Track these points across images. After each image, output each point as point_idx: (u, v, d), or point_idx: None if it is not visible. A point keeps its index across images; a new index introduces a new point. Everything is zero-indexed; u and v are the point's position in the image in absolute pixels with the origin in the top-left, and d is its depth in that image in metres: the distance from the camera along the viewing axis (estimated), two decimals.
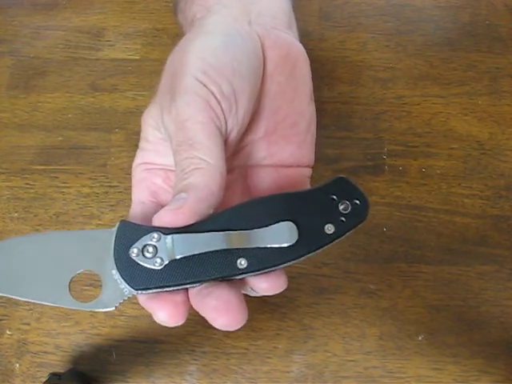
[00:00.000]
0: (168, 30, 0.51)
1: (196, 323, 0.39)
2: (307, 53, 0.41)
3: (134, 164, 0.27)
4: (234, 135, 0.25)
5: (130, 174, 0.44)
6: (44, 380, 0.37)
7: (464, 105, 0.46)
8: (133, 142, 0.46)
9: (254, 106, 0.26)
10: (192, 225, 0.22)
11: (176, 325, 0.22)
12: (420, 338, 0.39)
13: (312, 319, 0.39)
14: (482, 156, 0.44)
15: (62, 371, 0.38)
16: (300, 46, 0.27)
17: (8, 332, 0.39)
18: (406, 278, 0.40)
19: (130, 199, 0.43)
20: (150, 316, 0.41)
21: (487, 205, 0.42)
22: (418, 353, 0.38)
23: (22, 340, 0.39)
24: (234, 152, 0.27)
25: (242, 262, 0.22)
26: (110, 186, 0.44)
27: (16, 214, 0.43)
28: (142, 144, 0.27)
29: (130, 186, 0.44)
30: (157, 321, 0.22)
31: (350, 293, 0.40)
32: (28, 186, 0.44)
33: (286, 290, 0.41)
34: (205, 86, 0.23)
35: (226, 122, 0.24)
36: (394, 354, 0.38)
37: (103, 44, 0.50)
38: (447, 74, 0.48)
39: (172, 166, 0.25)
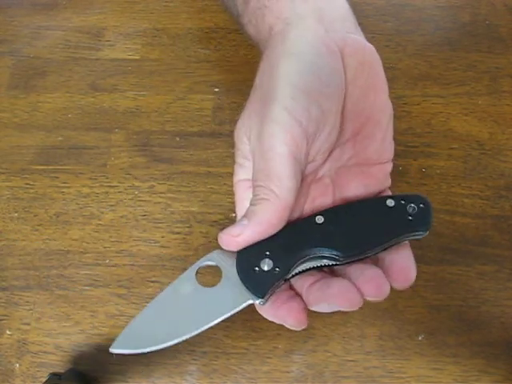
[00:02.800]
0: (168, 30, 0.51)
1: None
2: None
3: (236, 179, 0.29)
4: (322, 154, 0.27)
5: (129, 173, 0.44)
6: (44, 380, 0.37)
7: (464, 105, 0.46)
8: (133, 142, 0.46)
9: (340, 115, 0.27)
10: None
11: (302, 328, 0.26)
12: (420, 338, 0.39)
13: (312, 319, 0.39)
14: (482, 156, 0.44)
15: (62, 371, 0.38)
16: (371, 46, 0.29)
17: (8, 332, 0.39)
18: None
19: (130, 199, 0.43)
20: None
21: (487, 205, 0.42)
22: (417, 353, 0.38)
23: (22, 340, 0.39)
24: (324, 159, 0.28)
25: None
26: (110, 186, 0.44)
27: (16, 214, 0.43)
28: (240, 160, 0.28)
29: (130, 186, 0.44)
30: (288, 326, 0.26)
31: None
32: (28, 185, 0.44)
33: None
34: (292, 115, 0.25)
35: (308, 151, 0.26)
36: (393, 354, 0.38)
37: (103, 44, 0.50)
38: (447, 73, 0.48)
39: None
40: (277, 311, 0.26)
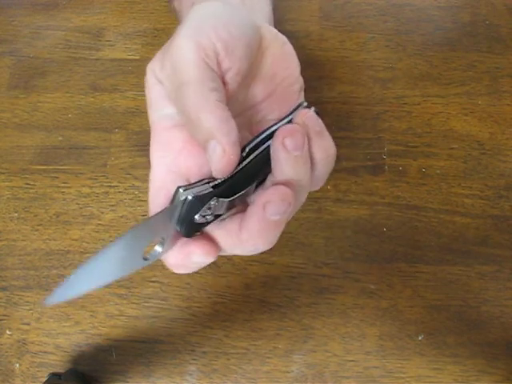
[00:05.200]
0: (168, 30, 0.51)
1: (196, 323, 0.39)
2: (307, 53, 0.42)
3: (152, 121, 0.28)
4: (234, 72, 0.27)
5: (129, 173, 0.44)
6: (44, 380, 0.37)
7: (464, 105, 0.46)
8: (133, 141, 0.46)
9: (253, 67, 0.29)
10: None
11: (210, 259, 0.24)
12: (420, 338, 0.39)
13: (312, 319, 0.39)
14: (482, 156, 0.44)
15: (61, 371, 0.38)
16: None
17: (8, 332, 0.39)
18: (406, 278, 0.40)
19: (130, 199, 0.43)
20: (150, 316, 0.41)
21: (487, 205, 0.42)
22: (418, 353, 0.38)
23: (22, 340, 0.39)
24: (240, 112, 0.29)
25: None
26: (109, 186, 0.44)
27: (16, 214, 0.43)
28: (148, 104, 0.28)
29: (130, 186, 0.44)
30: (196, 260, 0.25)
31: (350, 293, 0.40)
32: (28, 186, 0.44)
33: (285, 289, 0.41)
34: (200, 30, 0.26)
35: (219, 61, 0.26)
36: (393, 354, 0.38)
37: (103, 44, 0.50)
38: (447, 73, 0.48)
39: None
40: (183, 247, 0.25)
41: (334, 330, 0.39)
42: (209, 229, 0.26)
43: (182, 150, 0.27)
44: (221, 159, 0.24)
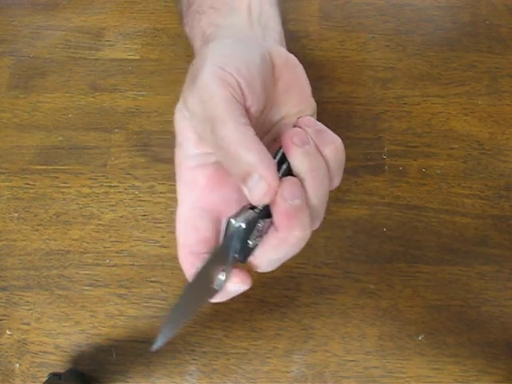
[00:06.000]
0: (168, 30, 0.51)
1: (196, 323, 0.39)
2: (307, 53, 0.42)
3: (177, 162, 0.30)
4: (254, 110, 0.28)
5: (129, 173, 0.44)
6: (44, 380, 0.37)
7: (464, 105, 0.46)
8: (133, 141, 0.46)
9: (269, 97, 0.30)
10: None
11: (246, 288, 0.27)
12: (420, 338, 0.39)
13: (312, 319, 0.39)
14: (482, 156, 0.44)
15: (62, 371, 0.38)
16: (293, 56, 0.32)
17: (8, 332, 0.39)
18: (406, 278, 0.40)
19: (130, 199, 0.43)
20: (150, 316, 0.41)
21: (487, 205, 0.42)
22: (418, 353, 0.38)
23: (22, 340, 0.39)
24: (261, 137, 0.30)
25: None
26: (109, 186, 0.44)
27: (16, 214, 0.43)
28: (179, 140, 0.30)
29: (130, 186, 0.44)
30: (233, 287, 0.27)
31: (350, 293, 0.40)
32: (28, 186, 0.44)
33: (285, 289, 0.41)
34: (223, 69, 0.26)
35: (244, 98, 0.27)
36: (393, 354, 0.38)
37: (103, 44, 0.50)
38: (447, 73, 0.48)
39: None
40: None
41: (334, 329, 0.39)
42: None
43: (206, 186, 0.29)
44: (266, 193, 0.25)
